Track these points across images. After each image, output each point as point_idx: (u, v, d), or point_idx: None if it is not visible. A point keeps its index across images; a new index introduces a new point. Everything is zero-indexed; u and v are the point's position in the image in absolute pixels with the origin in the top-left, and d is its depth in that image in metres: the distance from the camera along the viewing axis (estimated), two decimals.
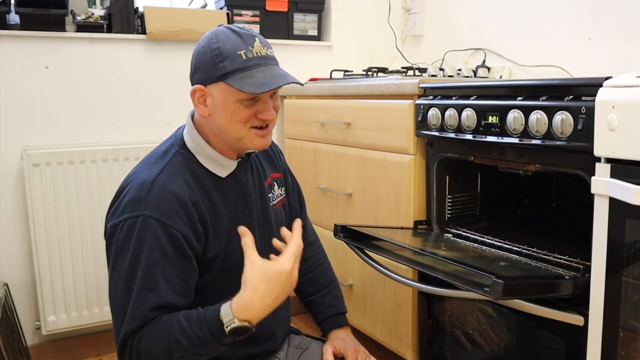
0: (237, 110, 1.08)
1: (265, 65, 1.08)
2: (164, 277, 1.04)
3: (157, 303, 1.03)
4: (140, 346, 1.02)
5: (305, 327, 1.60)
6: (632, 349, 1.06)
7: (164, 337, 1.01)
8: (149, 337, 1.02)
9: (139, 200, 1.06)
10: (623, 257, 1.05)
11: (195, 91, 1.11)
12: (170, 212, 1.06)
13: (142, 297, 1.03)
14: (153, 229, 1.04)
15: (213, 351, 1.03)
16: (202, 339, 0.99)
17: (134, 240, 1.04)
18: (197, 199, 1.10)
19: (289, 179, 1.40)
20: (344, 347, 1.29)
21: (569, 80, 1.34)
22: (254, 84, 1.05)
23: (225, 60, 1.06)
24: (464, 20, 2.33)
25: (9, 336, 1.75)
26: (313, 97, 2.11)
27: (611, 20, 1.78)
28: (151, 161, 1.14)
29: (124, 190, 1.11)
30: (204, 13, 2.25)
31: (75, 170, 1.95)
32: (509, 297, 1.14)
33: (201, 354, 1.03)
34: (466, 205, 1.66)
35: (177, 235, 1.05)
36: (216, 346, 1.01)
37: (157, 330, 1.02)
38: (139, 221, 1.05)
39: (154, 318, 1.03)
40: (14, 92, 1.94)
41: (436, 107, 1.50)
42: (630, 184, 0.99)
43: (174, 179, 1.09)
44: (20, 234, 1.99)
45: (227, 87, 1.06)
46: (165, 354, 1.00)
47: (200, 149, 1.14)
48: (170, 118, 2.16)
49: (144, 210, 1.05)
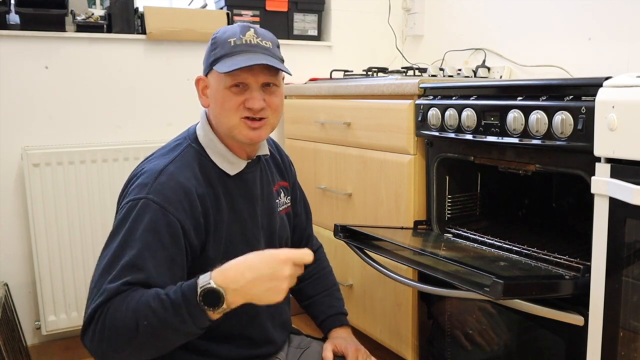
0: (226, 97, 1.09)
1: (250, 52, 1.09)
2: (153, 260, 1.01)
3: (132, 280, 0.98)
4: (108, 314, 0.96)
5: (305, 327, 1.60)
6: (632, 349, 1.06)
7: (133, 304, 0.95)
8: (119, 304, 0.96)
9: (145, 185, 1.06)
10: (623, 257, 1.05)
11: (198, 81, 1.14)
12: (173, 200, 1.05)
13: (120, 273, 0.98)
14: (153, 211, 1.03)
15: (180, 328, 0.95)
16: (173, 303, 0.94)
17: (130, 220, 1.03)
18: (203, 192, 1.10)
19: (297, 191, 1.40)
20: (344, 345, 1.29)
21: (569, 80, 1.34)
22: (229, 65, 1.07)
23: (217, 47, 1.10)
24: (464, 20, 2.33)
25: (9, 336, 1.75)
26: (313, 97, 2.11)
27: (611, 20, 1.78)
28: (162, 153, 1.15)
29: (132, 178, 1.11)
30: (204, 13, 2.25)
31: (75, 170, 1.95)
32: (509, 297, 1.14)
33: (168, 325, 0.95)
34: (466, 205, 1.66)
35: (175, 223, 1.04)
36: (185, 316, 0.93)
37: (129, 299, 0.96)
38: (140, 203, 1.04)
39: (121, 292, 0.97)
40: (14, 92, 1.94)
41: (436, 107, 1.50)
42: (630, 184, 0.99)
43: (182, 171, 1.09)
44: (20, 234, 1.99)
45: (217, 74, 1.09)
46: (131, 321, 0.94)
47: (212, 143, 1.15)
48: (170, 118, 2.15)
49: (147, 194, 1.04)
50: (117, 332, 0.96)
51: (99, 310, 0.97)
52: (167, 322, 0.95)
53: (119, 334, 0.96)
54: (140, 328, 0.94)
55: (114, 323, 0.96)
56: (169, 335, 0.97)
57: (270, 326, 1.22)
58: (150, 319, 0.94)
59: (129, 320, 0.95)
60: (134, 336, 0.95)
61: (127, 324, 0.95)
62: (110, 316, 0.96)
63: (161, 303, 0.95)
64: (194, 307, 0.94)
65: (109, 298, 0.97)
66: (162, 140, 1.23)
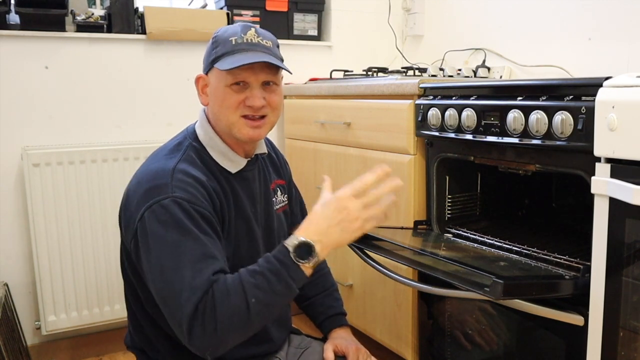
0: (227, 95, 1.10)
1: (252, 51, 1.10)
2: (214, 249, 1.01)
3: (217, 268, 0.99)
4: (214, 305, 0.95)
5: (305, 327, 1.60)
6: (632, 349, 1.06)
7: (235, 287, 0.96)
8: (219, 293, 0.96)
9: (164, 185, 1.04)
10: (623, 257, 1.05)
11: (198, 79, 1.14)
12: (197, 194, 1.05)
13: (199, 266, 0.98)
14: (185, 209, 1.02)
15: (287, 288, 0.98)
16: (272, 270, 0.97)
17: (169, 222, 1.01)
18: (216, 187, 1.11)
19: (292, 190, 1.41)
20: (345, 345, 1.29)
21: (569, 80, 1.34)
22: (230, 62, 1.08)
23: (219, 46, 1.11)
24: (464, 20, 2.33)
25: (9, 336, 1.75)
26: (313, 97, 2.11)
27: (611, 20, 1.78)
28: (163, 154, 1.14)
29: (138, 184, 1.09)
30: (204, 13, 2.25)
31: (75, 170, 1.95)
32: (509, 297, 1.14)
33: (276, 293, 0.98)
34: (466, 205, 1.66)
35: (206, 213, 1.04)
36: (287, 279, 0.97)
37: (226, 285, 0.97)
38: (169, 203, 1.01)
39: (216, 281, 0.98)
40: (14, 92, 1.94)
41: (436, 107, 1.50)
42: (630, 184, 0.99)
43: (193, 167, 1.10)
44: (20, 234, 1.99)
45: (217, 72, 1.10)
46: (241, 303, 0.95)
47: (212, 142, 1.15)
48: (170, 118, 2.15)
49: (172, 192, 1.03)
50: (230, 319, 0.96)
51: (200, 305, 0.95)
52: (274, 291, 0.98)
53: (232, 320, 0.96)
54: (251, 306, 0.96)
55: (223, 311, 0.96)
56: (278, 303, 1.00)
57: (269, 324, 1.22)
58: (258, 295, 0.97)
59: (239, 303, 0.96)
60: (247, 317, 0.97)
61: (238, 307, 0.96)
62: (218, 306, 0.96)
63: (262, 276, 0.97)
64: (292, 266, 0.98)
65: (205, 291, 0.96)
66: (162, 140, 1.23)
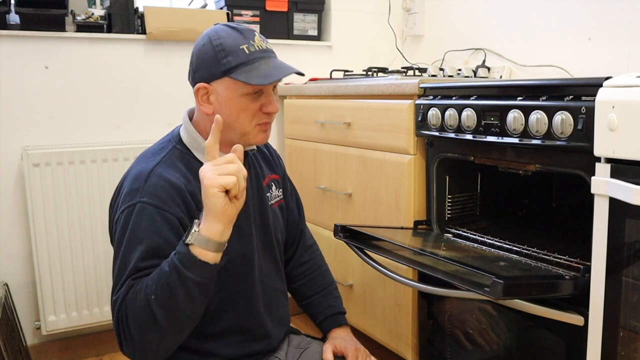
0: (243, 104, 1.09)
1: (267, 58, 1.11)
2: (159, 258, 1.02)
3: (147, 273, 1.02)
4: (127, 312, 1.00)
5: (305, 327, 1.60)
6: (632, 349, 1.06)
7: (140, 289, 0.99)
8: (130, 300, 1.00)
9: (136, 190, 1.07)
10: (623, 257, 1.05)
11: (198, 89, 1.11)
12: (166, 199, 1.06)
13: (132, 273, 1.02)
14: (149, 214, 1.05)
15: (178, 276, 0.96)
16: (167, 262, 0.98)
17: (130, 227, 1.05)
18: (194, 190, 1.09)
19: (287, 183, 1.41)
20: (344, 346, 1.29)
21: (569, 80, 1.34)
22: (260, 75, 1.07)
23: (229, 55, 1.07)
24: (464, 20, 2.33)
25: (9, 336, 1.75)
26: (313, 97, 2.11)
27: (611, 20, 1.78)
28: (147, 156, 1.15)
29: (122, 186, 1.13)
30: (204, 13, 2.25)
31: (75, 170, 1.95)
32: (509, 297, 1.14)
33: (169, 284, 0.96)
34: (466, 205, 1.66)
35: (172, 219, 1.06)
36: (177, 264, 0.96)
37: (136, 288, 1.00)
38: (135, 208, 1.05)
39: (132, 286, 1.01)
40: (14, 92, 1.94)
41: (436, 107, 1.50)
42: (630, 184, 0.99)
43: (170, 171, 1.10)
44: (20, 234, 1.99)
45: (232, 82, 1.08)
46: (143, 302, 0.97)
47: (196, 143, 1.15)
48: (170, 118, 2.16)
49: (140, 197, 1.06)
50: (139, 323, 0.98)
51: (119, 314, 1.00)
52: (168, 283, 0.96)
53: (141, 324, 0.98)
54: (152, 304, 0.96)
55: (133, 314, 0.98)
56: (178, 294, 0.96)
57: (267, 320, 1.23)
58: (156, 291, 0.97)
59: (142, 304, 0.97)
60: (152, 316, 0.97)
61: (142, 307, 0.97)
62: (130, 312, 0.98)
63: (157, 271, 0.98)
64: (179, 248, 0.97)
65: (123, 299, 1.00)
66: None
